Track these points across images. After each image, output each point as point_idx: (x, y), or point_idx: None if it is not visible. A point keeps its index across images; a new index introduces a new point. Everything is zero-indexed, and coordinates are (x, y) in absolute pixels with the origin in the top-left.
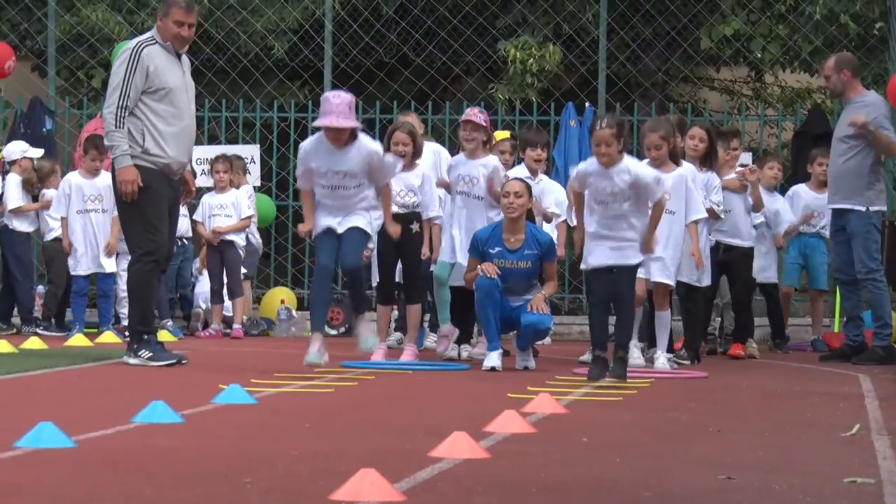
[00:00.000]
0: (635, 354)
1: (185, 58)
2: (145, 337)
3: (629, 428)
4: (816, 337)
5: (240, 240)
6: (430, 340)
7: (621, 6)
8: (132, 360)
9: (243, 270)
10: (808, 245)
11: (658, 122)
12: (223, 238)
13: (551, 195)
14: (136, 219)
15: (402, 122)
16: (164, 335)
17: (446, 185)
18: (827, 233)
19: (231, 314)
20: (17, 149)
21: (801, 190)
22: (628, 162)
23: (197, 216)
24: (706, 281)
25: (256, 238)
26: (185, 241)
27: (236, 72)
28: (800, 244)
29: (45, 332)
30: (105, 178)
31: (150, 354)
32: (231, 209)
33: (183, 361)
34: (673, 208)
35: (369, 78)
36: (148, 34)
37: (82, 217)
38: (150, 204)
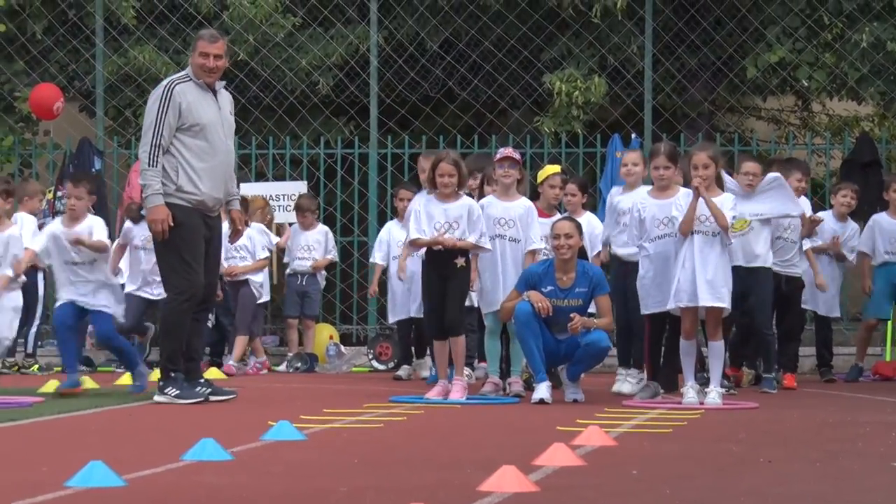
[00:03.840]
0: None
1: (224, 94)
2: (172, 375)
3: (679, 460)
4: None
5: (256, 279)
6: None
7: (666, 37)
8: (159, 398)
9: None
10: (895, 274)
11: (705, 144)
12: (238, 277)
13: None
14: (170, 257)
15: (447, 153)
16: (213, 372)
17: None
18: None
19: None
20: None
21: (881, 219)
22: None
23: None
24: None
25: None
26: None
27: (283, 109)
28: (888, 273)
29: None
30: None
31: (178, 392)
32: (245, 251)
33: (212, 399)
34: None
35: (415, 113)
36: (182, 72)
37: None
38: (184, 242)
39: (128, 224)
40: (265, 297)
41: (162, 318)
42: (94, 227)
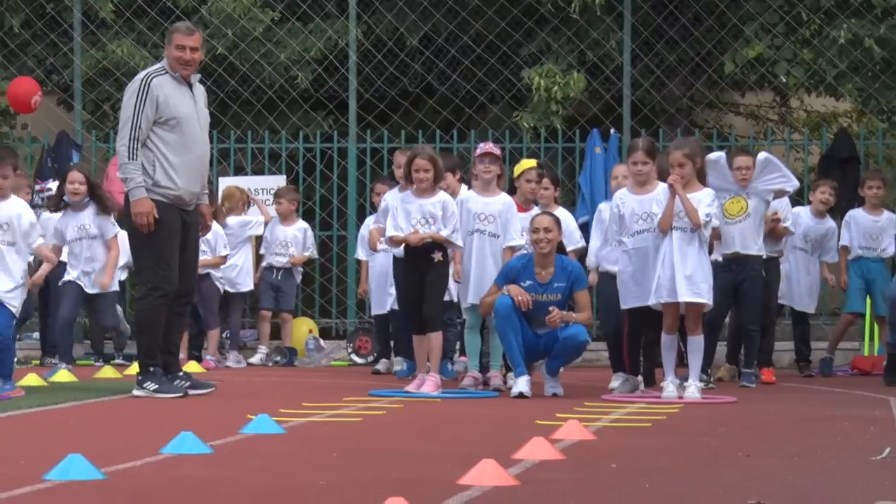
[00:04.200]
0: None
1: (199, 88)
2: (151, 369)
3: (658, 454)
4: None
5: (217, 273)
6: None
7: (645, 33)
8: (138, 392)
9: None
10: (870, 269)
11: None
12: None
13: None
14: (146, 252)
15: (423, 148)
16: (192, 366)
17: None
18: (887, 253)
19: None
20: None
21: (857, 214)
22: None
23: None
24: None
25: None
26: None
27: (261, 103)
28: (861, 268)
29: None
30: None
31: (156, 387)
32: (206, 245)
33: (192, 392)
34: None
35: (394, 108)
36: (158, 65)
37: None
38: (159, 238)
39: (56, 219)
40: (248, 287)
41: (136, 313)
42: (22, 213)
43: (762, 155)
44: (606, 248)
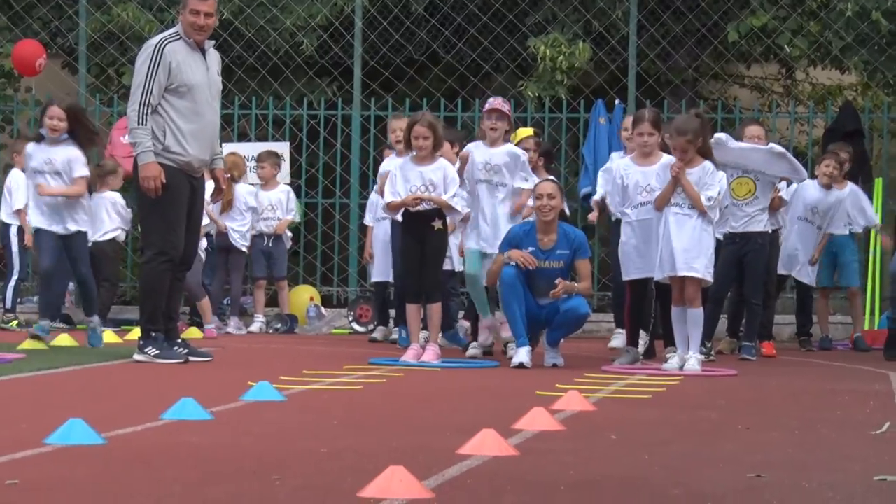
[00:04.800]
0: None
1: (213, 53)
2: (153, 334)
3: (658, 425)
4: (858, 335)
5: (202, 243)
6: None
7: (651, 3)
8: (139, 357)
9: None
10: (836, 244)
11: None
12: None
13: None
14: (153, 217)
15: (422, 115)
16: (192, 332)
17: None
18: (856, 229)
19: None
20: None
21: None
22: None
23: None
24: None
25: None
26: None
27: (266, 69)
28: (828, 244)
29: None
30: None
31: (157, 352)
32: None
33: (190, 360)
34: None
35: (399, 75)
36: (172, 30)
37: None
38: (168, 203)
39: (29, 146)
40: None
41: (141, 278)
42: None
43: (779, 148)
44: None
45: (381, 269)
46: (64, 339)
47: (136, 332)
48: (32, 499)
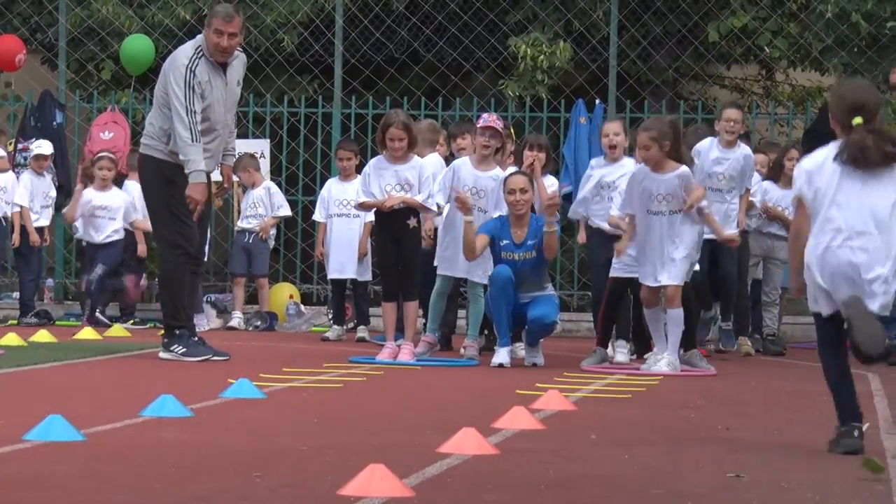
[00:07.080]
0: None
1: (237, 63)
2: (177, 332)
3: (638, 425)
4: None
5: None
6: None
7: (632, 3)
8: (165, 355)
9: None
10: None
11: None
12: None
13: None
14: (163, 214)
15: (396, 114)
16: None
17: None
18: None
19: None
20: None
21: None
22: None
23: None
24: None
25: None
26: None
27: (246, 66)
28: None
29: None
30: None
31: (184, 350)
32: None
33: (215, 357)
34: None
35: (379, 73)
36: (196, 44)
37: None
38: (174, 197)
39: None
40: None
41: (161, 274)
42: None
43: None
44: (599, 203)
45: (337, 267)
46: (43, 336)
47: (116, 330)
48: (11, 495)
